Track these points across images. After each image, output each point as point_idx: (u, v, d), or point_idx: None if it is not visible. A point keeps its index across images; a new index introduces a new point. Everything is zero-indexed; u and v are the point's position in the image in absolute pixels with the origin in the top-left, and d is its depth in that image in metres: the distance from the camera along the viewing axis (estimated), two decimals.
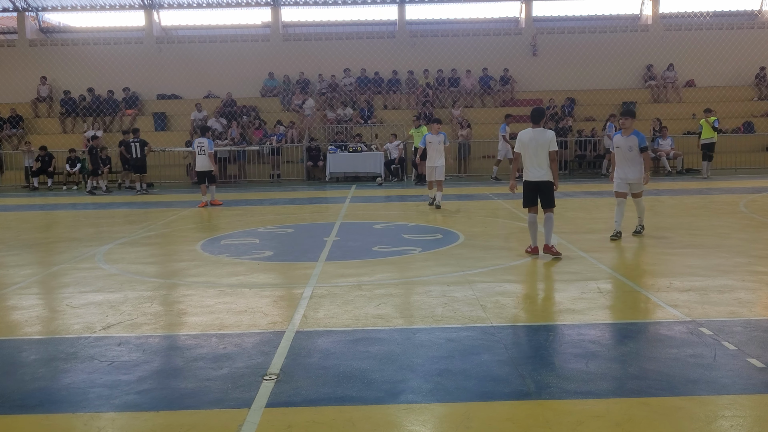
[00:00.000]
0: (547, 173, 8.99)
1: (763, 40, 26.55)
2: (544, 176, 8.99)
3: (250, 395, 4.64)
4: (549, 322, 6.25)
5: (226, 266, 9.11)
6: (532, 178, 9.06)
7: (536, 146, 8.94)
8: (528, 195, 9.17)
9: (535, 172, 9.01)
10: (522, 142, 9.09)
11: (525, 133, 9.11)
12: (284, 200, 17.68)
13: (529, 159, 9.04)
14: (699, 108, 25.39)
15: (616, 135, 10.52)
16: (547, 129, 9.23)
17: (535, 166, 9.00)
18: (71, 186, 22.89)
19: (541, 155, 8.95)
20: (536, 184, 9.06)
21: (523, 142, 9.08)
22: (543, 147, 8.93)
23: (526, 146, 9.03)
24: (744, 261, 8.63)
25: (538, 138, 8.97)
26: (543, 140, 8.95)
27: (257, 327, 6.26)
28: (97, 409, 4.49)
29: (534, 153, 8.97)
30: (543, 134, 9.01)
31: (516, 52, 26.96)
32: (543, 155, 8.94)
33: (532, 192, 9.12)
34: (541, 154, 8.95)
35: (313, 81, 26.99)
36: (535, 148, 8.95)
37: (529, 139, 9.01)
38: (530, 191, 9.14)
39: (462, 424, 4.17)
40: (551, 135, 9.03)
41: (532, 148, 8.97)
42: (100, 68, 26.45)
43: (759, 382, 4.71)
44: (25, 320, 6.71)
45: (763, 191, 16.70)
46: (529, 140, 9.00)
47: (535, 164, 8.99)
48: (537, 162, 8.98)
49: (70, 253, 10.32)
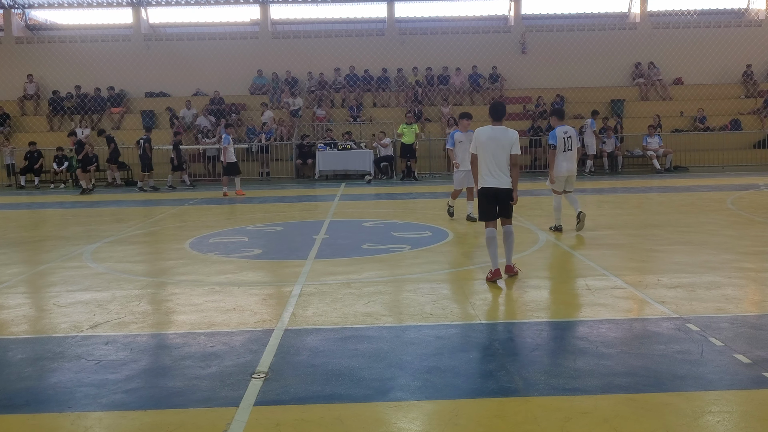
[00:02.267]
0: (508, 179, 7.65)
1: (750, 38, 26.70)
2: (505, 183, 7.63)
3: (238, 394, 4.63)
4: (537, 319, 6.26)
5: (214, 264, 9.08)
6: (489, 185, 7.64)
7: (496, 147, 7.57)
8: (486, 205, 7.75)
9: (494, 178, 7.61)
10: (479, 142, 7.67)
11: (483, 132, 7.71)
12: (273, 198, 17.64)
13: (487, 162, 7.63)
14: (687, 106, 25.58)
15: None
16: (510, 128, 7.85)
17: (494, 170, 7.60)
18: (59, 184, 22.76)
19: (501, 158, 7.59)
20: (495, 192, 7.65)
21: (480, 141, 7.67)
22: (504, 149, 7.59)
23: (483, 146, 7.63)
24: (731, 258, 8.68)
25: (499, 137, 7.61)
26: (504, 140, 7.60)
27: (246, 325, 6.24)
28: (84, 409, 4.47)
29: (492, 155, 7.58)
30: (504, 134, 7.65)
31: (505, 50, 27.00)
32: (503, 158, 7.60)
33: (491, 202, 7.70)
34: (501, 156, 7.59)
35: (302, 79, 26.95)
36: (495, 149, 7.57)
37: (487, 139, 7.63)
38: (488, 201, 7.71)
39: (451, 421, 4.17)
40: (514, 135, 7.70)
41: (490, 149, 7.60)
42: (87, 66, 26.28)
43: (745, 377, 4.74)
44: (12, 319, 6.66)
45: (750, 188, 16.81)
46: (488, 140, 7.62)
47: (494, 168, 7.60)
48: (496, 166, 7.59)
49: (57, 252, 10.26)
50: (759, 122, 25.19)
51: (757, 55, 26.87)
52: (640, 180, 20.12)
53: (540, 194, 16.82)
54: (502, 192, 7.65)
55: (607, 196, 16.36)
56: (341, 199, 16.79)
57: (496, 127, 7.70)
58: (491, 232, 7.71)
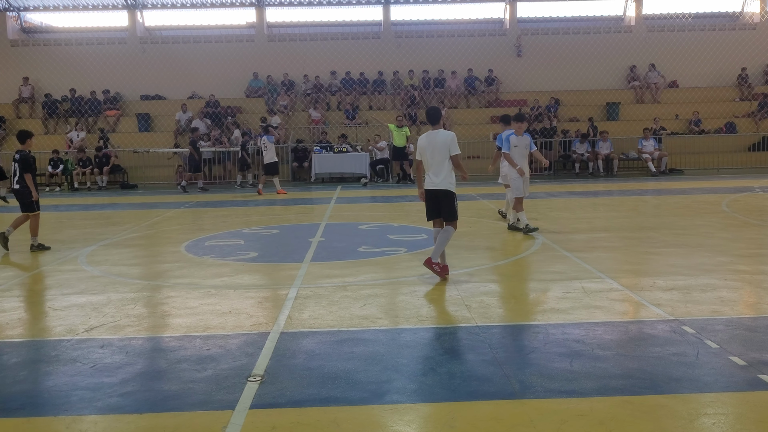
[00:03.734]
0: (445, 181, 7.94)
1: (745, 42, 26.80)
2: (441, 184, 7.93)
3: (234, 397, 4.62)
4: (533, 321, 6.27)
5: (210, 267, 9.07)
6: (429, 186, 8.04)
7: (433, 150, 7.93)
8: (428, 206, 8.15)
9: (433, 179, 7.99)
10: (420, 147, 8.11)
11: (422, 138, 8.12)
12: (269, 201, 17.63)
13: (428, 165, 8.03)
14: (682, 109, 25.65)
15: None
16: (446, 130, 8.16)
17: (433, 172, 7.97)
18: (54, 187, 22.72)
19: (439, 160, 7.90)
20: (434, 193, 8.02)
21: (421, 146, 8.09)
22: (440, 151, 7.89)
23: (423, 151, 8.05)
24: (726, 260, 8.70)
25: (436, 140, 7.93)
26: (440, 143, 7.90)
27: (242, 328, 6.23)
28: (80, 412, 4.45)
29: (431, 158, 7.96)
30: (440, 136, 7.94)
31: (501, 53, 27.05)
32: (440, 160, 7.89)
33: (432, 202, 8.09)
34: (438, 158, 7.90)
35: (298, 82, 26.95)
36: (432, 152, 7.94)
37: (426, 143, 8.02)
38: (429, 201, 8.11)
39: (447, 423, 4.17)
40: (449, 137, 7.95)
41: (429, 152, 7.96)
42: (83, 69, 26.22)
43: (741, 380, 4.75)
44: (7, 323, 6.64)
45: (745, 191, 16.86)
46: (427, 144, 8.00)
47: (433, 170, 7.96)
48: (434, 168, 7.95)
49: (52, 255, 10.24)
50: (754, 125, 25.29)
51: (751, 59, 26.96)
52: (636, 183, 20.16)
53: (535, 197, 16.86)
54: (441, 193, 7.97)
55: (602, 199, 16.38)
56: (337, 202, 16.79)
57: (433, 131, 8.03)
58: (436, 231, 8.20)
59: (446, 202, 7.99)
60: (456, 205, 8.05)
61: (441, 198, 7.98)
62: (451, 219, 8.06)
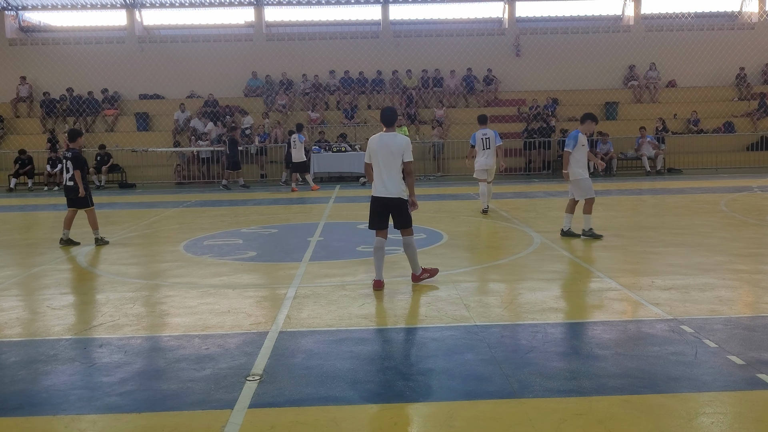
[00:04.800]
0: (398, 188, 7.39)
1: (744, 41, 26.83)
2: (395, 192, 7.38)
3: (233, 396, 4.62)
4: (532, 321, 6.27)
5: (209, 267, 9.07)
6: (380, 194, 7.43)
7: (387, 154, 7.33)
8: (375, 214, 7.53)
9: (385, 186, 7.38)
10: (372, 150, 7.45)
11: (374, 140, 7.49)
12: (268, 200, 17.63)
13: (379, 170, 7.39)
14: (680, 108, 25.67)
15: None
16: (401, 134, 7.64)
17: (385, 179, 7.37)
18: (52, 187, 22.69)
19: (392, 166, 7.33)
20: (385, 201, 7.43)
21: (372, 149, 7.44)
22: (395, 156, 7.32)
23: (375, 154, 7.41)
24: (725, 259, 8.71)
25: (389, 144, 7.35)
26: (395, 147, 7.32)
27: (240, 328, 6.23)
28: (78, 411, 4.45)
29: (384, 163, 7.34)
30: (394, 140, 7.36)
31: (499, 52, 27.06)
32: (394, 166, 7.34)
33: (381, 211, 7.50)
34: (393, 164, 7.33)
35: (296, 81, 26.94)
36: (386, 156, 7.33)
37: (378, 146, 7.39)
38: (378, 210, 7.50)
39: (446, 423, 4.17)
40: (404, 141, 7.39)
41: (382, 156, 7.36)
42: (81, 68, 26.22)
43: (739, 379, 4.76)
44: (5, 322, 6.63)
45: (744, 190, 16.87)
46: (379, 147, 7.38)
47: (385, 177, 7.36)
48: (387, 174, 7.35)
49: (51, 254, 10.23)
50: (752, 125, 25.32)
51: (750, 58, 26.99)
52: (634, 182, 20.17)
53: (534, 197, 16.86)
54: (393, 201, 7.42)
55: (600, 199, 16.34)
56: (336, 202, 16.78)
57: (387, 133, 7.45)
58: (379, 242, 7.54)
59: (400, 210, 7.48)
60: (409, 213, 7.55)
61: (393, 206, 7.45)
62: (407, 227, 7.56)
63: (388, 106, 7.90)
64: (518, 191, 18.19)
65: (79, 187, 10.93)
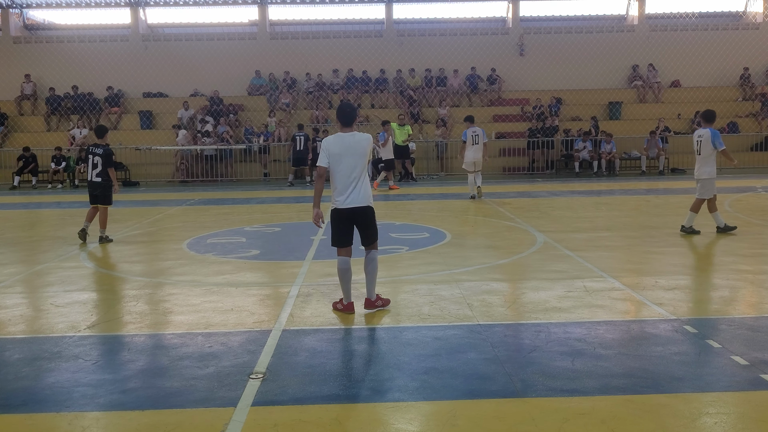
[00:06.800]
0: (367, 195, 6.47)
1: (748, 41, 26.76)
2: (362, 200, 6.43)
3: (236, 394, 4.62)
4: (535, 320, 6.26)
5: (212, 265, 9.07)
6: (349, 204, 6.41)
7: (352, 157, 6.37)
8: (339, 229, 6.51)
9: (348, 197, 6.40)
10: (332, 154, 6.39)
11: (334, 142, 6.42)
12: (271, 199, 17.64)
13: (342, 177, 6.38)
14: (684, 108, 25.61)
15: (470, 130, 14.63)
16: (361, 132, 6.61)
17: (350, 186, 6.39)
18: (56, 184, 22.73)
19: (359, 169, 6.40)
20: (350, 212, 6.43)
21: (333, 153, 6.39)
22: (361, 158, 6.40)
23: (338, 159, 6.37)
24: (729, 260, 8.69)
25: (352, 146, 6.38)
26: (359, 148, 6.39)
27: (243, 326, 6.23)
28: (82, 409, 4.46)
29: (349, 167, 6.36)
30: (357, 140, 6.43)
31: (503, 51, 27.03)
32: (361, 169, 6.41)
33: (346, 224, 6.50)
34: (360, 167, 6.40)
35: (300, 80, 26.95)
36: (352, 160, 6.36)
37: (342, 149, 6.37)
38: (343, 223, 6.49)
39: (448, 422, 4.17)
40: (369, 140, 6.51)
41: (346, 160, 6.36)
42: (85, 66, 26.25)
43: (743, 379, 4.75)
44: (9, 319, 6.65)
45: (748, 191, 16.84)
46: (343, 150, 6.37)
47: (351, 184, 6.39)
48: (353, 180, 6.39)
49: (54, 252, 10.25)
50: (756, 125, 25.25)
51: (754, 58, 26.92)
52: (637, 182, 20.14)
53: (537, 196, 16.86)
54: (360, 210, 6.45)
55: (604, 198, 16.37)
56: None
57: (347, 134, 6.45)
58: (344, 262, 6.54)
59: (368, 222, 6.53)
60: (376, 225, 6.67)
61: (360, 218, 6.48)
62: (375, 240, 6.64)
63: (346, 102, 6.97)
64: (521, 191, 18.18)
65: (114, 183, 11.11)
